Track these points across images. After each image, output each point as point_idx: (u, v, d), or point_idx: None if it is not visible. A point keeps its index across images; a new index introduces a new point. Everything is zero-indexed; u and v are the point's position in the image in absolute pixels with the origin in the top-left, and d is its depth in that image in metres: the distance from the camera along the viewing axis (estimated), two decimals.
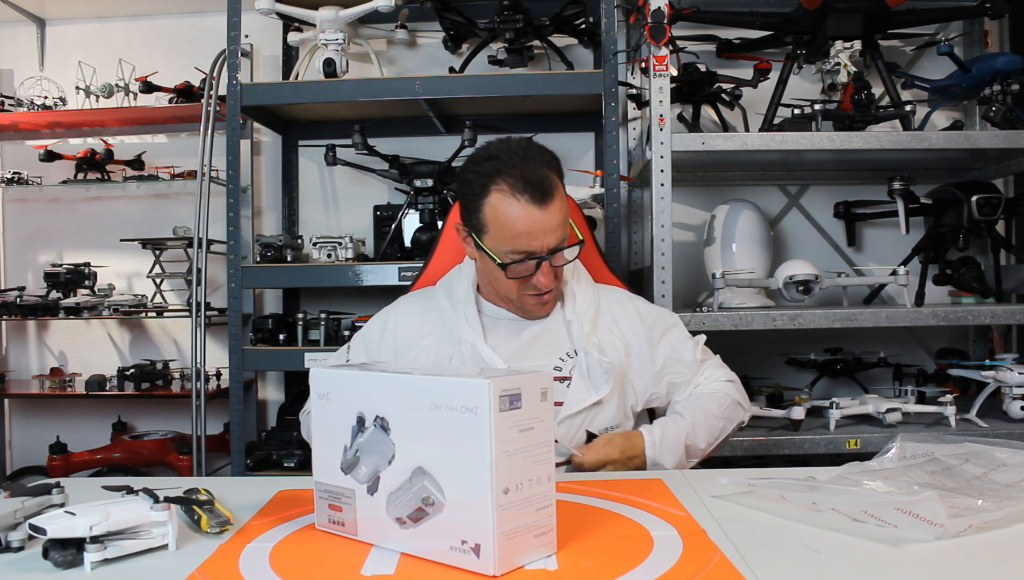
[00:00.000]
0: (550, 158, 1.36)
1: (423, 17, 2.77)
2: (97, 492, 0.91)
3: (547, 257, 1.32)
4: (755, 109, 2.48)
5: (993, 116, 2.31)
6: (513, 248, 1.32)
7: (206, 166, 2.62)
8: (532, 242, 1.31)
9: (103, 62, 2.89)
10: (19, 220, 3.11)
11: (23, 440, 3.07)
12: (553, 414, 0.83)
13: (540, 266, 1.33)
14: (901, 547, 0.83)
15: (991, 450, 1.07)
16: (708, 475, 1.15)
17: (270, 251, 2.47)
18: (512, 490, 0.78)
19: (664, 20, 2.03)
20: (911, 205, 2.34)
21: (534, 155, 1.33)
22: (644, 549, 0.84)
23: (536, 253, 1.32)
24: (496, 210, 1.31)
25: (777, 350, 2.64)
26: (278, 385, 2.96)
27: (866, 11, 2.21)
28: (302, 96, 2.47)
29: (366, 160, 2.65)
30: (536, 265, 1.33)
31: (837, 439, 2.08)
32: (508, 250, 1.33)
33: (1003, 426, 2.09)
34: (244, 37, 2.50)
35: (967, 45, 2.70)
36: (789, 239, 2.76)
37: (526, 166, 1.30)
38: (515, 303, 1.41)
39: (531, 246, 1.31)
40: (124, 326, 3.05)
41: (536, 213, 1.29)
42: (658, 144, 2.08)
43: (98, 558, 0.81)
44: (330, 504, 0.92)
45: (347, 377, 0.92)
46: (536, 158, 1.33)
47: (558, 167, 1.37)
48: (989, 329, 2.67)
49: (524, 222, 1.29)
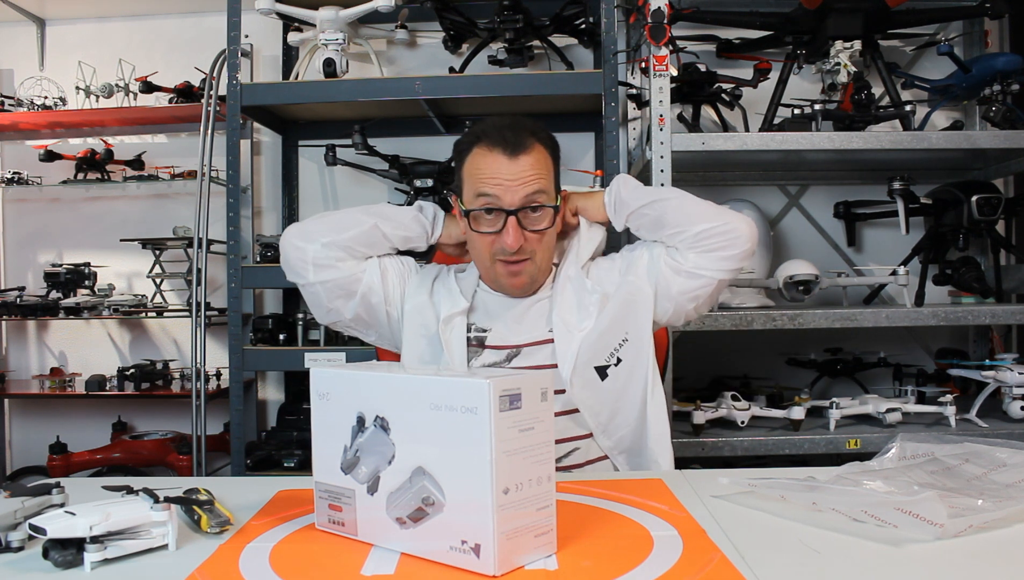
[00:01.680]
0: (537, 128, 1.36)
1: (423, 17, 2.77)
2: (97, 492, 0.91)
3: (513, 212, 1.31)
4: (755, 109, 2.48)
5: (993, 116, 2.31)
6: (478, 192, 1.32)
7: (206, 166, 2.62)
8: (496, 189, 1.30)
9: (103, 62, 2.89)
10: (19, 220, 3.11)
11: (23, 440, 3.07)
12: (553, 414, 0.83)
13: (507, 222, 1.31)
14: (901, 547, 0.83)
15: (991, 450, 1.07)
16: (708, 475, 1.15)
17: (270, 251, 2.47)
18: (512, 490, 0.78)
19: (664, 20, 2.03)
20: (911, 205, 2.34)
21: (521, 123, 1.35)
22: (644, 549, 0.84)
23: (501, 203, 1.31)
24: (470, 164, 1.34)
25: (777, 350, 2.64)
26: (278, 385, 2.96)
27: (866, 11, 2.21)
28: (302, 96, 2.46)
29: (366, 160, 2.65)
30: (503, 222, 1.31)
31: (837, 439, 2.08)
32: (475, 195, 1.33)
33: (1003, 426, 2.10)
34: (244, 37, 2.50)
35: (967, 45, 2.70)
36: (789, 239, 2.76)
37: (507, 128, 1.33)
38: (490, 275, 1.39)
39: (495, 192, 1.31)
40: (124, 326, 3.05)
41: (504, 161, 1.30)
42: (658, 144, 2.08)
43: (98, 558, 0.81)
44: (330, 504, 0.92)
45: (347, 377, 0.92)
46: (522, 125, 1.35)
47: (547, 138, 1.37)
48: (989, 329, 2.67)
49: (491, 168, 1.31)
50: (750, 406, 2.14)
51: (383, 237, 1.41)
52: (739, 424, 2.12)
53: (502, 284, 1.39)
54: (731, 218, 1.37)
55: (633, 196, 1.41)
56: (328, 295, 1.41)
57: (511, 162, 1.31)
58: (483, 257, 1.37)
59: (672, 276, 1.39)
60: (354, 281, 1.40)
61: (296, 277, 1.42)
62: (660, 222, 1.39)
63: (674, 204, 1.39)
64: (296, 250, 1.39)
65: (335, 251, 1.37)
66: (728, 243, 1.36)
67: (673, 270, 1.39)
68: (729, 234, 1.35)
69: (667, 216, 1.38)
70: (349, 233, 1.38)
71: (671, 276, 1.39)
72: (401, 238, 1.43)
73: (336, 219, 1.41)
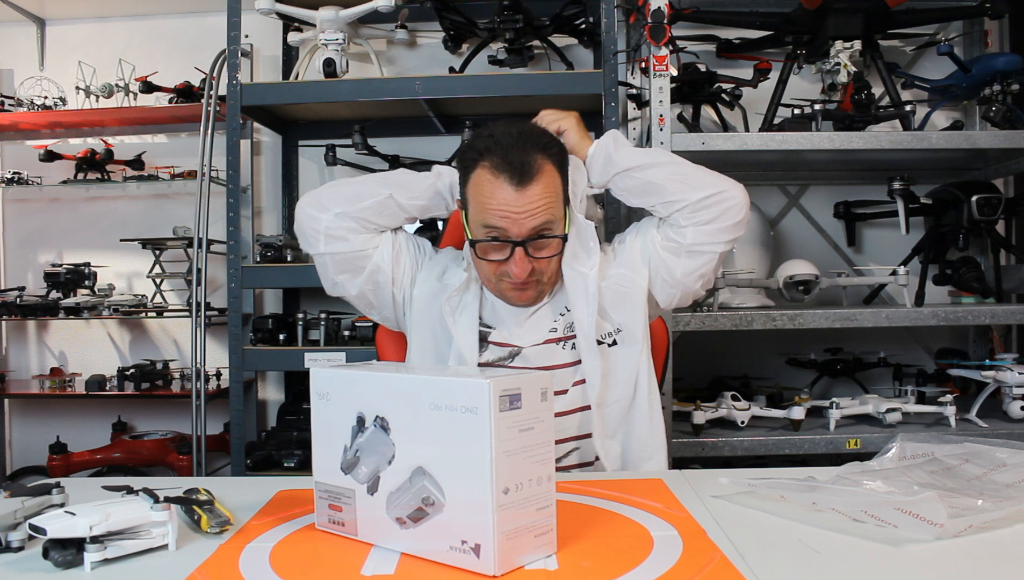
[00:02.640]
0: (548, 142, 1.31)
1: (423, 17, 2.77)
2: (97, 492, 0.91)
3: (521, 243, 1.27)
4: (755, 109, 2.48)
5: (993, 116, 2.31)
6: (484, 223, 1.28)
7: (206, 166, 2.62)
8: (503, 222, 1.26)
9: (103, 62, 2.89)
10: (19, 220, 3.11)
11: (23, 440, 3.08)
12: (553, 413, 0.83)
13: (514, 253, 1.27)
14: (901, 547, 0.83)
15: (991, 450, 1.07)
16: (708, 475, 1.15)
17: (270, 251, 2.47)
18: (512, 490, 0.78)
19: (664, 20, 2.03)
20: (911, 205, 2.34)
21: (528, 138, 1.29)
22: (644, 549, 0.84)
23: (508, 236, 1.27)
24: (476, 186, 1.29)
25: (777, 350, 2.64)
26: (278, 385, 2.96)
27: (866, 11, 2.21)
28: (302, 96, 2.47)
29: (366, 160, 2.65)
30: (511, 251, 1.28)
31: (837, 439, 2.08)
32: (481, 225, 1.29)
33: (1003, 426, 2.10)
34: (244, 37, 2.50)
35: (967, 45, 2.71)
36: (789, 239, 2.77)
37: (514, 147, 1.26)
38: (497, 290, 1.36)
39: (502, 225, 1.26)
40: (124, 326, 3.06)
41: (511, 194, 1.25)
42: (658, 144, 2.08)
43: (98, 558, 0.81)
44: (330, 504, 0.92)
45: (347, 377, 0.92)
46: (530, 141, 1.28)
47: (556, 152, 1.32)
48: (989, 329, 2.67)
49: (496, 198, 1.25)
50: (750, 406, 2.14)
51: (399, 208, 1.37)
52: (739, 424, 2.12)
53: (507, 299, 1.37)
54: (727, 185, 1.32)
55: (624, 155, 1.35)
56: (336, 267, 1.38)
57: (518, 194, 1.25)
58: (489, 277, 1.35)
59: (672, 259, 1.35)
60: (363, 257, 1.37)
61: (307, 246, 1.40)
62: (652, 188, 1.33)
63: (670, 170, 1.34)
64: (309, 219, 1.37)
65: (348, 221, 1.34)
66: (726, 211, 1.31)
67: (672, 253, 1.35)
68: (726, 201, 1.31)
69: (662, 182, 1.32)
70: (363, 204, 1.34)
71: (671, 259, 1.35)
72: (419, 208, 1.38)
73: (352, 189, 1.38)
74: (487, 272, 1.33)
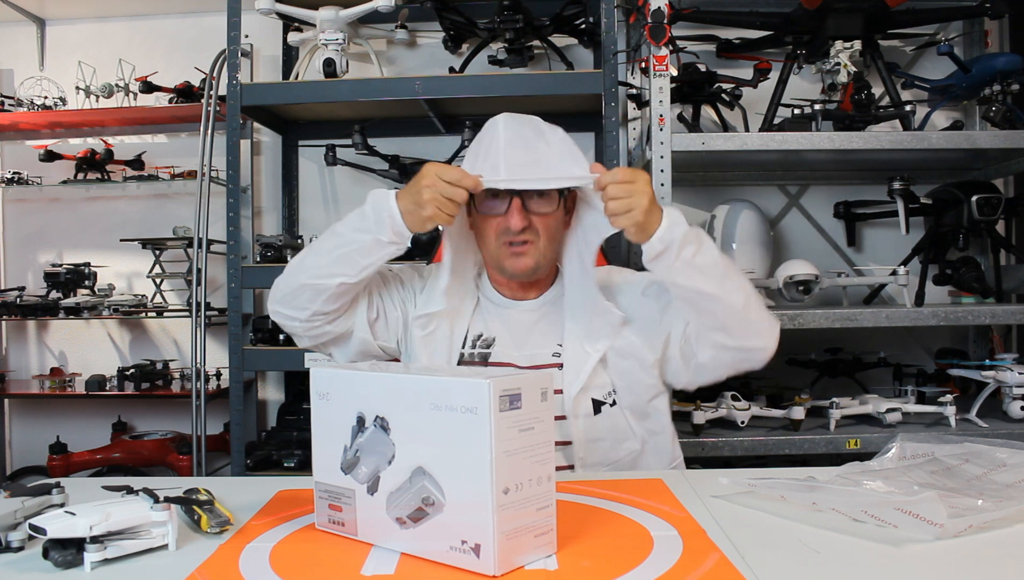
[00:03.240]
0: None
1: (423, 17, 2.77)
2: (97, 492, 0.91)
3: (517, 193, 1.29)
4: (755, 109, 2.48)
5: (993, 116, 2.31)
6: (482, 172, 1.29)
7: (206, 166, 2.62)
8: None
9: (103, 62, 2.89)
10: (19, 220, 3.11)
11: (23, 440, 3.07)
12: (553, 413, 0.83)
13: (512, 203, 1.29)
14: (901, 547, 0.83)
15: (991, 450, 1.07)
16: (708, 475, 1.15)
17: (270, 251, 2.47)
18: (512, 490, 0.78)
19: (664, 20, 2.03)
20: (911, 205, 2.34)
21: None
22: (644, 549, 0.84)
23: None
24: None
25: (777, 350, 2.64)
26: (278, 385, 2.96)
27: (866, 11, 2.21)
28: (302, 96, 2.46)
29: (366, 160, 2.65)
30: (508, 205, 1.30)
31: (837, 439, 2.08)
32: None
33: (1003, 426, 2.09)
34: (244, 37, 2.50)
35: (967, 45, 2.70)
36: (789, 239, 2.76)
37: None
38: (496, 259, 1.37)
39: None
40: (124, 326, 3.05)
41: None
42: (658, 144, 2.08)
43: (98, 558, 0.81)
44: (330, 504, 0.92)
45: (347, 377, 0.92)
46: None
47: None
48: (989, 329, 2.67)
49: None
50: (750, 406, 2.14)
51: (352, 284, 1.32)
52: (739, 424, 2.12)
53: (506, 268, 1.37)
54: (771, 341, 1.32)
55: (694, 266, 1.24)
56: (326, 348, 1.44)
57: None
58: (489, 241, 1.36)
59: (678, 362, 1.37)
60: (347, 336, 1.41)
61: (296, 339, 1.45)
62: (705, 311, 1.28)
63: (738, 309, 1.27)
64: (285, 319, 1.40)
65: (318, 319, 1.36)
66: (751, 361, 1.33)
67: (682, 358, 1.36)
68: (758, 355, 1.32)
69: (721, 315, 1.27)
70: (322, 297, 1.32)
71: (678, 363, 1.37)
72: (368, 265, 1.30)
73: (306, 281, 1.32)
74: (487, 233, 1.35)
